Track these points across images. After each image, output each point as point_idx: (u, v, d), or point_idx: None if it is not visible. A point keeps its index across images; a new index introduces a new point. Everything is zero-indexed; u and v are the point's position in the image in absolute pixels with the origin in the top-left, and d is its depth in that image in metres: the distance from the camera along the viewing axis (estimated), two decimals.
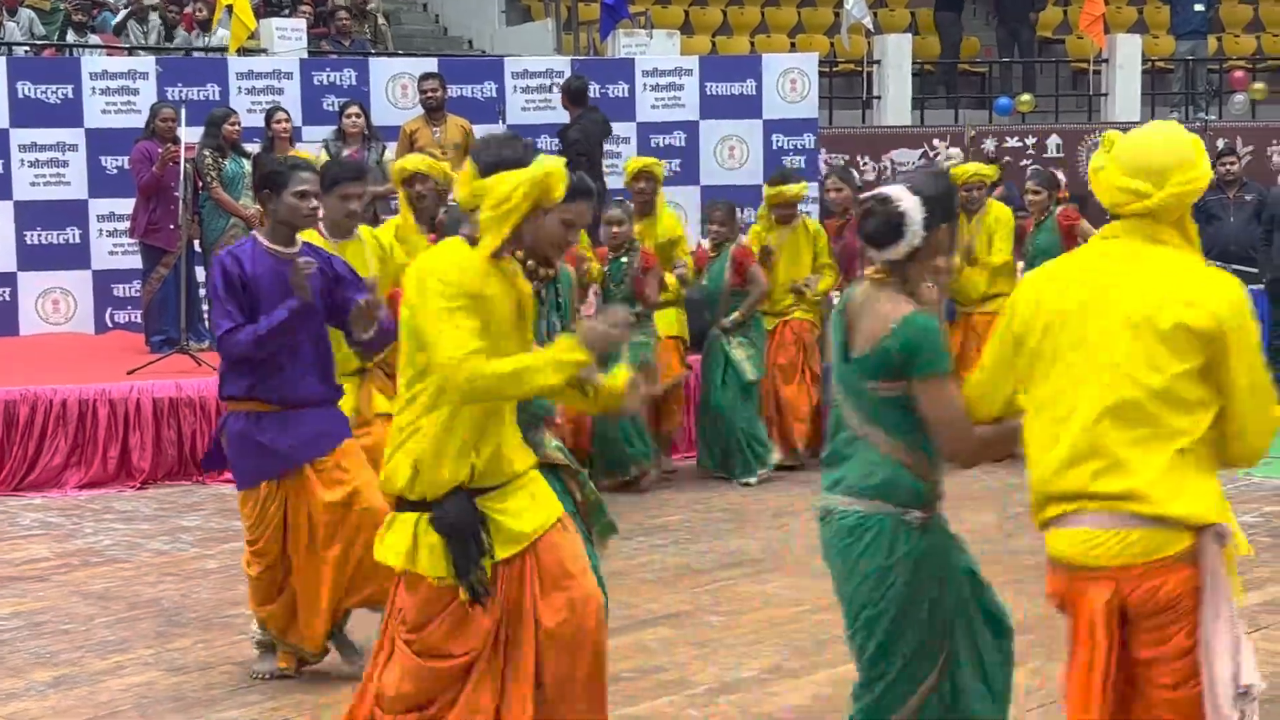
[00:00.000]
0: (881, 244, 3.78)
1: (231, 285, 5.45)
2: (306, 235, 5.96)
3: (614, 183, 13.67)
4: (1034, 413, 3.59)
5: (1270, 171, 16.19)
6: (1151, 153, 3.47)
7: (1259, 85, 19.42)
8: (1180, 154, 3.47)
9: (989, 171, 10.30)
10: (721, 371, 9.70)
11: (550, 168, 4.06)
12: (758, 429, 9.78)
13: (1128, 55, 18.82)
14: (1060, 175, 10.53)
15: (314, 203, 5.80)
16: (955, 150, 16.38)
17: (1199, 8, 19.67)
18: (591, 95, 13.23)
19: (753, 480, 9.59)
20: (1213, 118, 18.68)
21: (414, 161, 7.55)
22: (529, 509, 4.09)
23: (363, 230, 6.75)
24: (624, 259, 9.19)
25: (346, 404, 6.00)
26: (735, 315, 9.68)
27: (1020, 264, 10.07)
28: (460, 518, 3.95)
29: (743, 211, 13.09)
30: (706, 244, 10.08)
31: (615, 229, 9.25)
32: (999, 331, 3.70)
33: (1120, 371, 3.36)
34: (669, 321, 9.68)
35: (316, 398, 5.62)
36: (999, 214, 10.16)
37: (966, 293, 10.20)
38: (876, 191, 3.85)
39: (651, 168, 10.13)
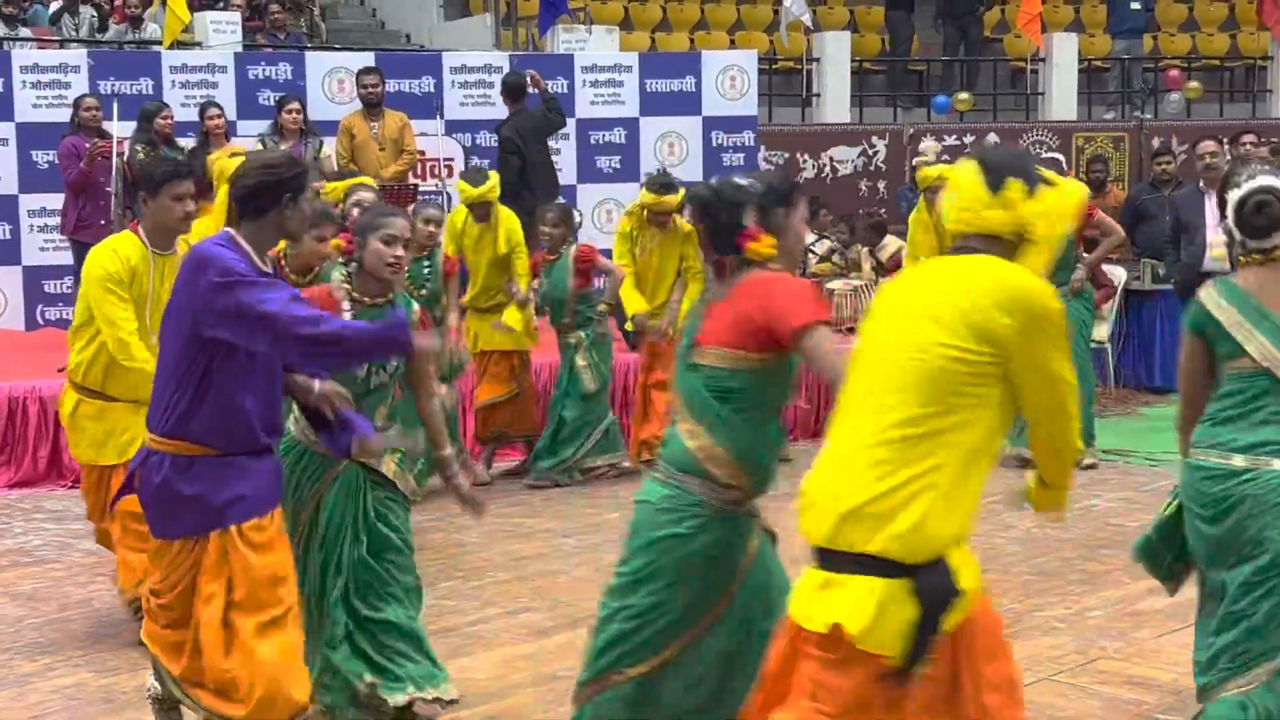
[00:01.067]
0: None
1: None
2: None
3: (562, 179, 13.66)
4: None
5: (1215, 169, 16.34)
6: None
7: (1194, 84, 19.60)
8: None
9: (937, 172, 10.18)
10: (567, 379, 9.59)
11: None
12: (596, 435, 9.66)
13: (1064, 54, 18.96)
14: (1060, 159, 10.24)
15: (191, 205, 5.80)
16: (928, 143, 16.44)
17: (1136, 7, 19.81)
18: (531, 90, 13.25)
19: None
20: (1148, 116, 18.88)
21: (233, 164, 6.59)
22: (968, 566, 3.36)
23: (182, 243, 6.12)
24: (426, 263, 8.71)
25: None
26: (601, 306, 9.63)
27: None
28: (946, 586, 3.28)
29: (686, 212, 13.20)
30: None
31: (430, 228, 8.71)
32: None
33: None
34: (500, 338, 9.52)
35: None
36: None
37: None
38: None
39: (485, 194, 9.45)
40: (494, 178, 9.62)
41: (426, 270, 8.70)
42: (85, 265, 5.87)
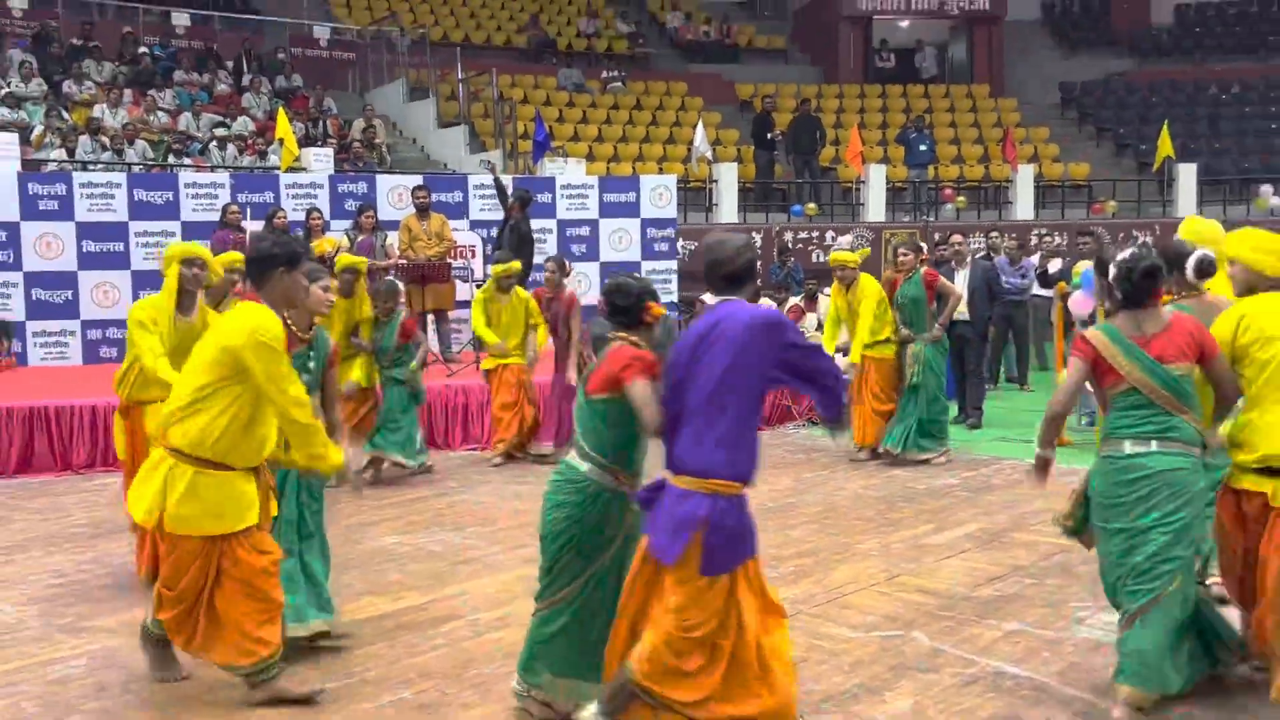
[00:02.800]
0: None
1: None
2: None
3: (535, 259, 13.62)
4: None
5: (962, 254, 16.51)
6: None
7: (961, 198, 19.84)
8: None
9: (855, 257, 9.95)
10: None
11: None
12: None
13: (877, 178, 19.10)
14: (922, 244, 9.98)
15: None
16: (845, 239, 16.51)
17: (923, 148, 19.98)
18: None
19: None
20: (932, 219, 19.05)
21: (194, 248, 5.85)
22: None
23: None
24: (386, 323, 8.52)
25: None
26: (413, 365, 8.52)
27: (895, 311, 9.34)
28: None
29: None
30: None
31: (386, 299, 8.50)
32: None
33: None
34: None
35: None
36: (866, 284, 9.31)
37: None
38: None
39: (356, 264, 8.60)
40: (517, 263, 9.60)
41: (386, 329, 8.46)
42: (239, 335, 4.09)
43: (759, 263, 4.49)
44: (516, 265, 9.55)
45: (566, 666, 4.00)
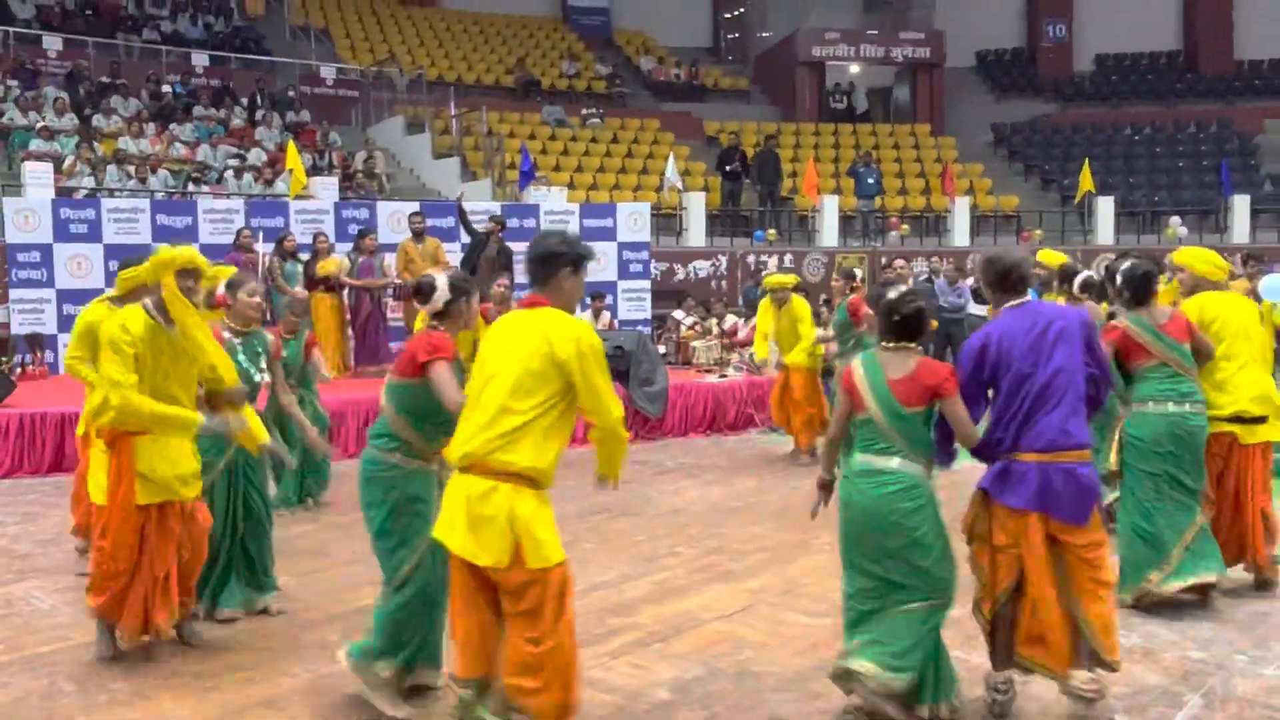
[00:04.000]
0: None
1: None
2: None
3: (520, 279, 13.67)
4: None
5: (905, 277, 16.66)
6: None
7: (905, 227, 19.98)
8: None
9: (790, 280, 9.95)
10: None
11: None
12: None
13: (830, 207, 19.21)
14: (857, 271, 9.93)
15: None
16: (773, 261, 16.54)
17: (870, 180, 20.14)
18: (510, 225, 13.30)
19: None
20: (879, 245, 19.18)
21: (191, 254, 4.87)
22: None
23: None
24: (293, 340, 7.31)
25: None
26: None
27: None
28: None
29: (608, 297, 13.27)
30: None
31: (292, 317, 7.50)
32: None
33: None
34: None
35: None
36: (798, 304, 9.53)
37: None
38: None
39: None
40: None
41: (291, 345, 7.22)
42: (568, 345, 3.46)
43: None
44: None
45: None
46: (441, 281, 4.00)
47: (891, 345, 3.90)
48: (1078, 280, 6.36)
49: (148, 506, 4.37)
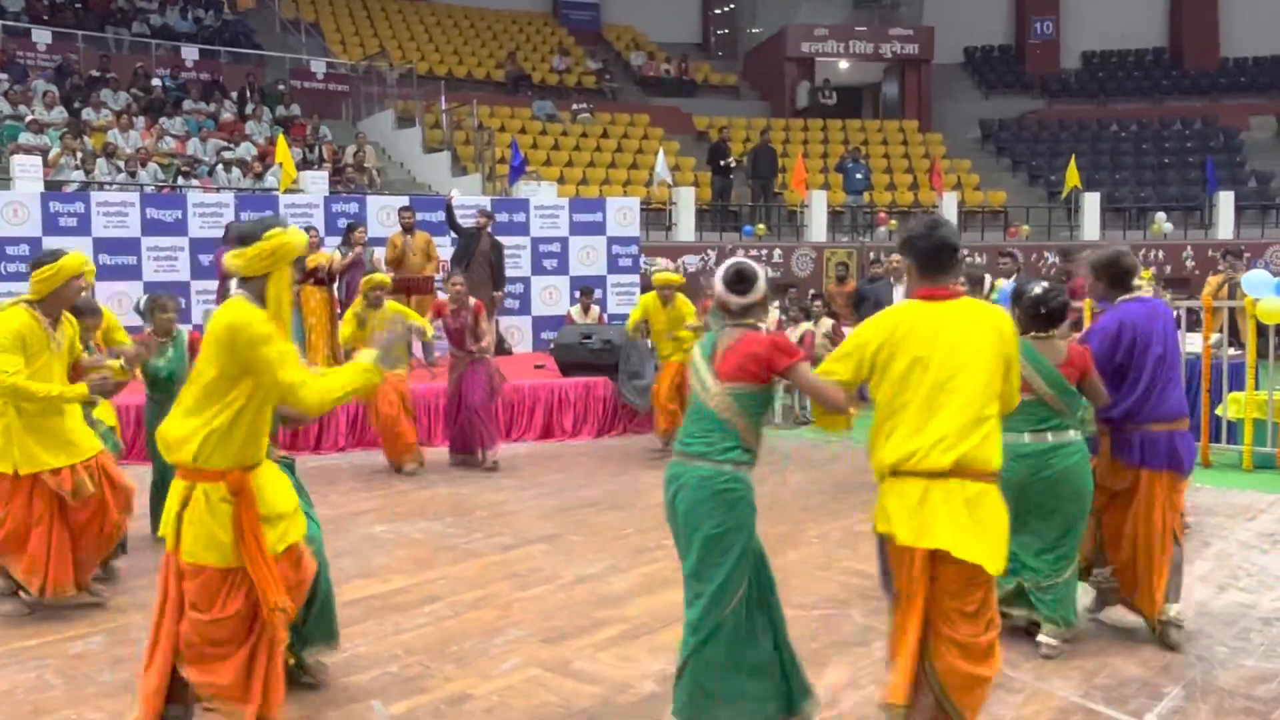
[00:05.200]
0: None
1: None
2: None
3: (511, 273, 13.67)
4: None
5: (897, 271, 16.66)
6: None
7: (894, 221, 19.96)
8: None
9: (678, 278, 9.67)
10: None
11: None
12: None
13: (819, 203, 19.21)
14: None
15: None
16: (664, 260, 16.18)
17: (859, 176, 20.16)
18: (500, 220, 13.27)
19: None
20: (867, 240, 19.19)
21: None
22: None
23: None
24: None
25: None
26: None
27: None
28: None
29: (597, 292, 13.25)
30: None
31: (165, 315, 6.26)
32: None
33: None
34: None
35: None
36: (682, 302, 9.31)
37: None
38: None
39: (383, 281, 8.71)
40: (384, 277, 9.06)
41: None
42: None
43: None
44: (383, 279, 8.76)
45: None
46: (762, 273, 3.58)
47: (1043, 335, 4.44)
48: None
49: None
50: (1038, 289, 4.46)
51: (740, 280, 3.52)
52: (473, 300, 8.88)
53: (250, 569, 3.31)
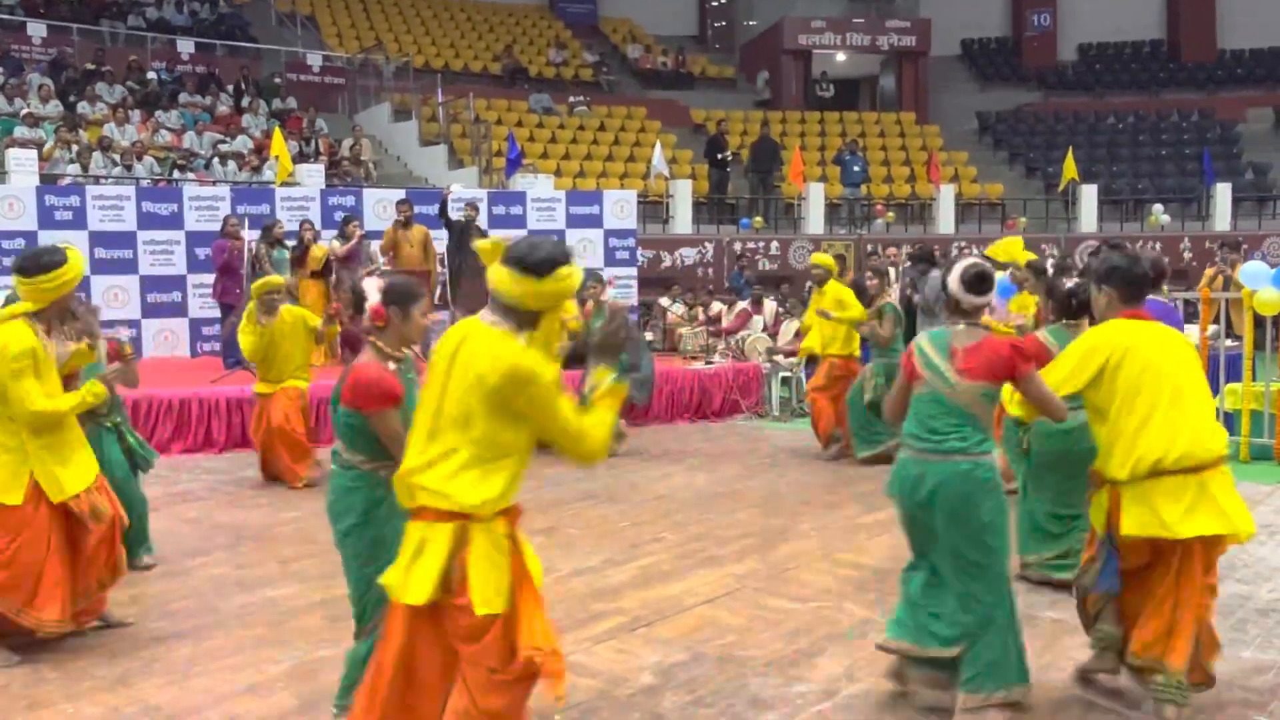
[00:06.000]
0: None
1: None
2: None
3: None
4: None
5: (895, 264, 16.69)
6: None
7: (890, 214, 19.99)
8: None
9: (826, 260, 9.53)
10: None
11: None
12: None
13: (816, 195, 19.22)
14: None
15: None
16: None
17: (856, 169, 20.14)
18: (497, 212, 13.25)
19: None
20: (864, 232, 19.18)
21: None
22: None
23: None
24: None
25: None
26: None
27: None
28: None
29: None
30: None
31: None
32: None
33: None
34: None
35: None
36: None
37: None
38: None
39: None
40: (279, 279, 8.18)
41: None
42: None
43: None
44: (277, 280, 7.96)
45: None
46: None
47: (1072, 324, 4.64)
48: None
49: None
50: (1070, 283, 5.00)
51: (982, 281, 3.71)
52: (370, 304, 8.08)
53: (523, 610, 2.88)
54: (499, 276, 2.87)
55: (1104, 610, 3.85)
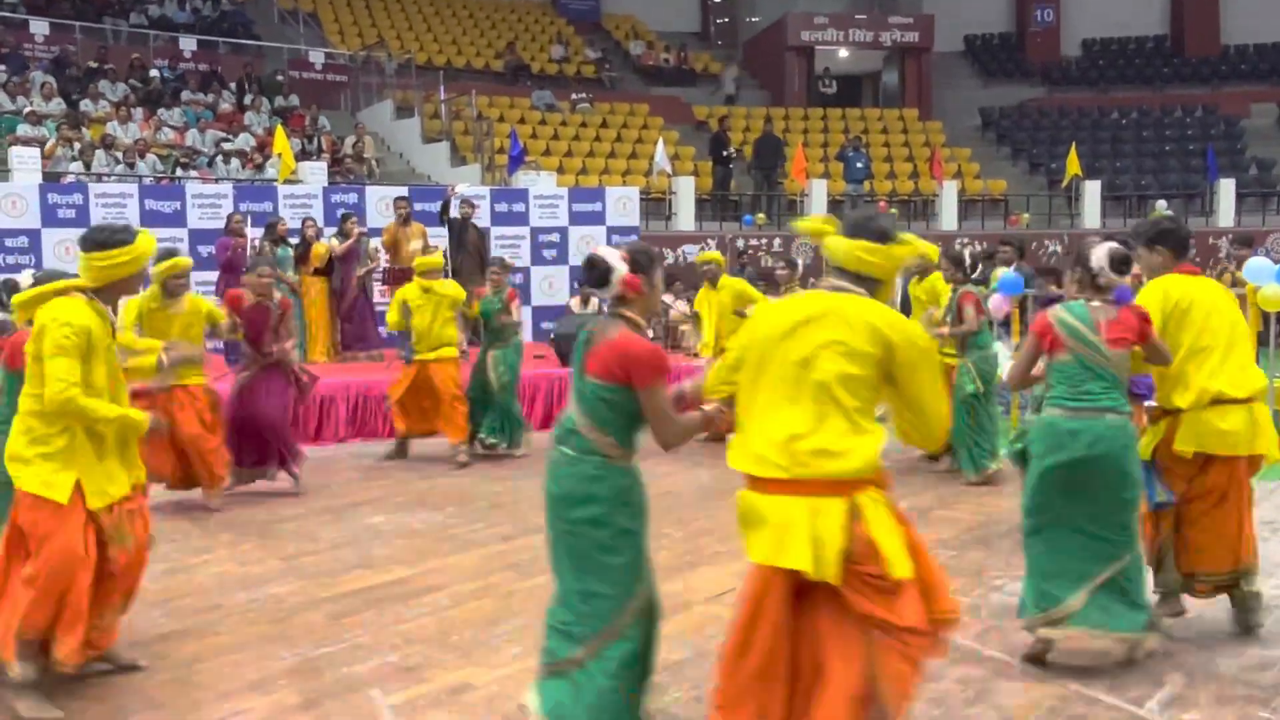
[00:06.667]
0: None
1: None
2: None
3: (519, 263, 13.61)
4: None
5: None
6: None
7: (894, 210, 19.90)
8: None
9: (715, 256, 9.54)
10: None
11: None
12: None
13: (819, 192, 19.17)
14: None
15: None
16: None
17: (859, 165, 20.11)
18: (499, 210, 13.24)
19: None
20: None
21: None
22: None
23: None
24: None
25: None
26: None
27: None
28: None
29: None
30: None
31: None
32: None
33: None
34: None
35: None
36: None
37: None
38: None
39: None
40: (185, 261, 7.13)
41: None
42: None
43: None
44: (184, 262, 6.90)
45: None
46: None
47: (1098, 303, 4.54)
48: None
49: None
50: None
51: (1125, 262, 4.23)
52: (278, 296, 7.55)
53: (925, 574, 2.92)
54: (847, 248, 2.96)
55: (1165, 558, 4.48)
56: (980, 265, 8.32)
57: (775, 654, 2.84)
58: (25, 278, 3.81)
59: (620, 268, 3.22)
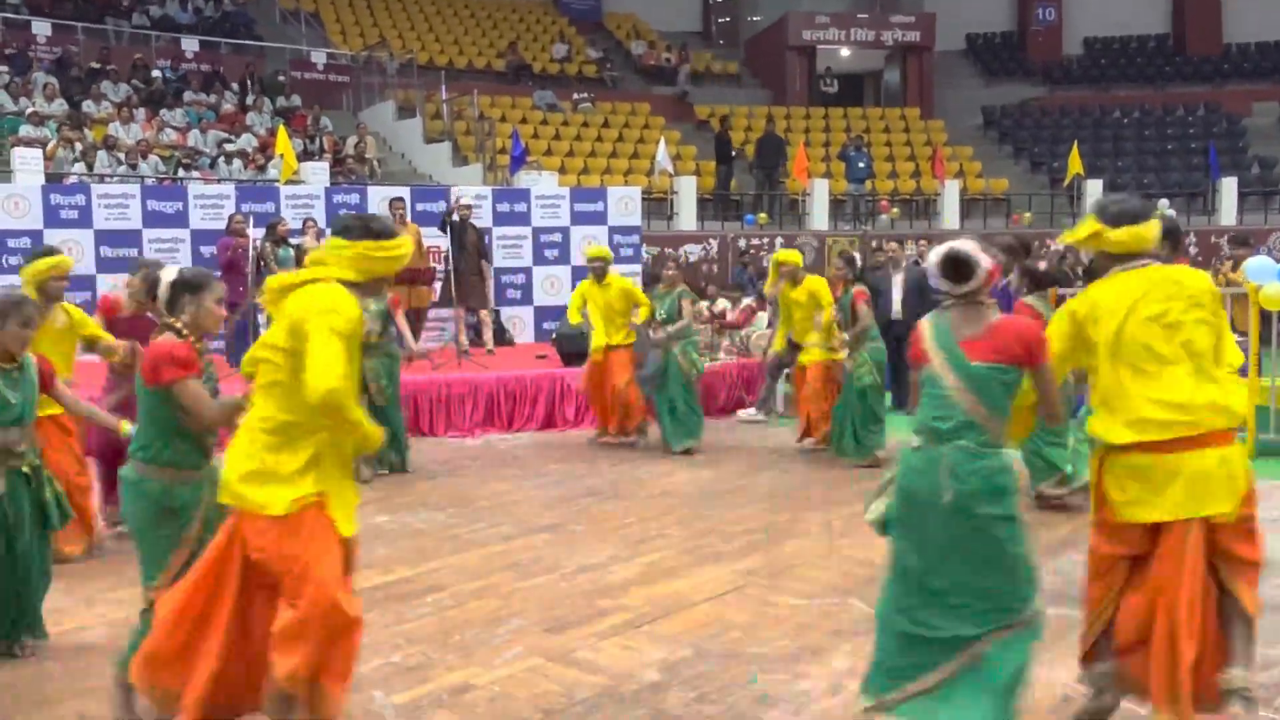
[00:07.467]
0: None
1: None
2: None
3: (512, 263, 13.64)
4: None
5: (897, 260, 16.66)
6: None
7: (895, 210, 19.95)
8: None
9: (795, 256, 9.12)
10: None
11: None
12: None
13: (821, 191, 19.19)
14: (857, 257, 9.22)
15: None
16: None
17: (861, 165, 20.11)
18: (501, 210, 13.22)
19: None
20: (869, 228, 19.15)
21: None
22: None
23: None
24: None
25: None
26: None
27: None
28: None
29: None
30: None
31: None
32: None
33: None
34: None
35: None
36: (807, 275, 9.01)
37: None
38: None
39: None
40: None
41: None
42: None
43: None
44: (65, 261, 5.89)
45: None
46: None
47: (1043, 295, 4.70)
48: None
49: None
50: (1043, 265, 5.38)
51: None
52: (149, 313, 6.00)
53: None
54: (1135, 235, 3.32)
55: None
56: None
57: (1193, 604, 3.17)
58: (169, 273, 3.71)
59: (985, 260, 3.44)
